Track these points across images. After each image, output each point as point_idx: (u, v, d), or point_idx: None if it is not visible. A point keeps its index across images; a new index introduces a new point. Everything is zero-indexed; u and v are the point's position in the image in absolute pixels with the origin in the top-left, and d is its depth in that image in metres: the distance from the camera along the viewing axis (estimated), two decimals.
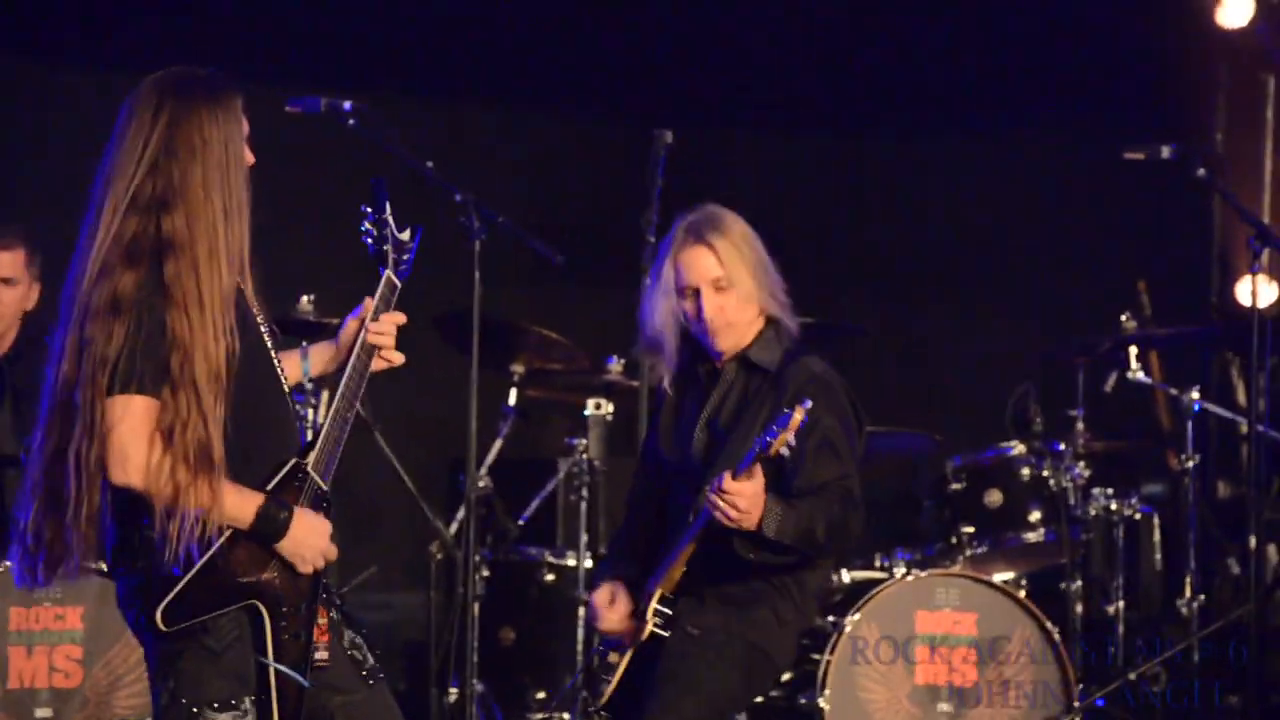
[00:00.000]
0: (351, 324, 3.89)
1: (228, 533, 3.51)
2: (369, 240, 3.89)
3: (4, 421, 5.87)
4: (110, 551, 3.60)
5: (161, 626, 3.48)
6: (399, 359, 3.86)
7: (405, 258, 3.91)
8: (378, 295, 3.85)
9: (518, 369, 6.74)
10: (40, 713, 5.30)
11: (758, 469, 4.19)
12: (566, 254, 6.00)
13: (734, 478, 4.17)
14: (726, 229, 4.46)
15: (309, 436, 3.70)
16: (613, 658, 4.44)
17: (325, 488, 3.66)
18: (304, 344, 3.97)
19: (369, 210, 3.90)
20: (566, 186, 8.20)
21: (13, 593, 5.29)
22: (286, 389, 3.73)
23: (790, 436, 4.10)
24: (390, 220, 3.90)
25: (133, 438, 3.46)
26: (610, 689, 4.40)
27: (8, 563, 5.27)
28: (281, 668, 3.55)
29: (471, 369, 5.60)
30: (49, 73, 7.47)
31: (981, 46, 8.24)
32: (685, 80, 8.27)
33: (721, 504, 4.17)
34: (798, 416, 4.09)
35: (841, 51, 8.35)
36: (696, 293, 4.43)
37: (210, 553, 3.49)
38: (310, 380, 3.98)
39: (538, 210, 7.55)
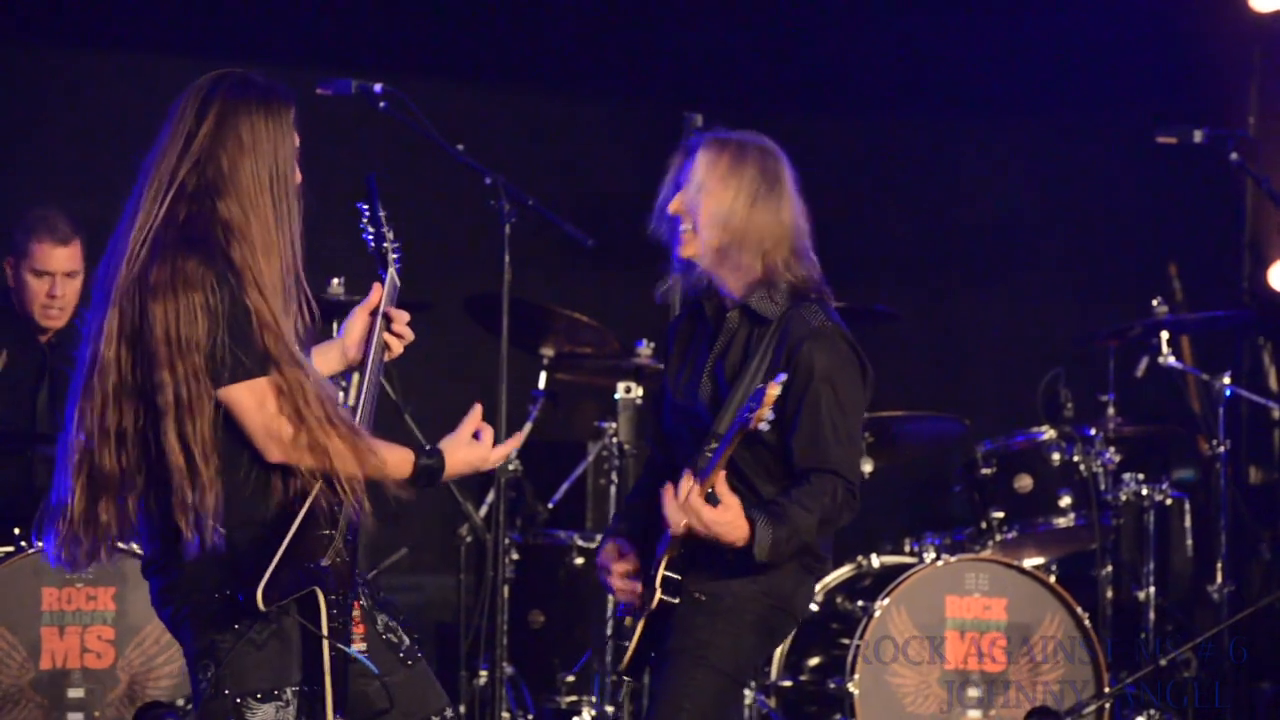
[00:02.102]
0: (359, 319, 3.90)
1: (299, 518, 3.52)
2: (369, 239, 3.92)
3: (41, 403, 5.91)
4: (158, 547, 3.60)
5: (261, 606, 3.46)
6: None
7: (396, 257, 3.94)
8: (384, 296, 3.87)
9: (547, 352, 6.74)
10: (73, 693, 5.33)
11: (727, 497, 4.14)
12: (596, 237, 6.00)
13: (700, 482, 4.15)
14: (729, 145, 4.33)
15: None
16: (628, 622, 4.42)
17: None
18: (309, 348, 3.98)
19: (364, 207, 3.92)
20: (597, 170, 8.20)
21: (45, 574, 5.32)
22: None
23: (768, 411, 4.04)
24: (383, 217, 3.92)
25: (276, 418, 3.50)
26: (629, 654, 4.39)
27: (39, 544, 5.33)
28: (354, 652, 3.59)
29: (501, 352, 5.60)
30: (72, 54, 7.49)
31: (1014, 29, 8.20)
32: (715, 63, 8.25)
33: (676, 518, 4.16)
34: (772, 392, 4.02)
35: (873, 34, 8.33)
36: (676, 187, 4.35)
37: (290, 533, 3.50)
38: None
39: (568, 193, 7.55)
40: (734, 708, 4.47)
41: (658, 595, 4.27)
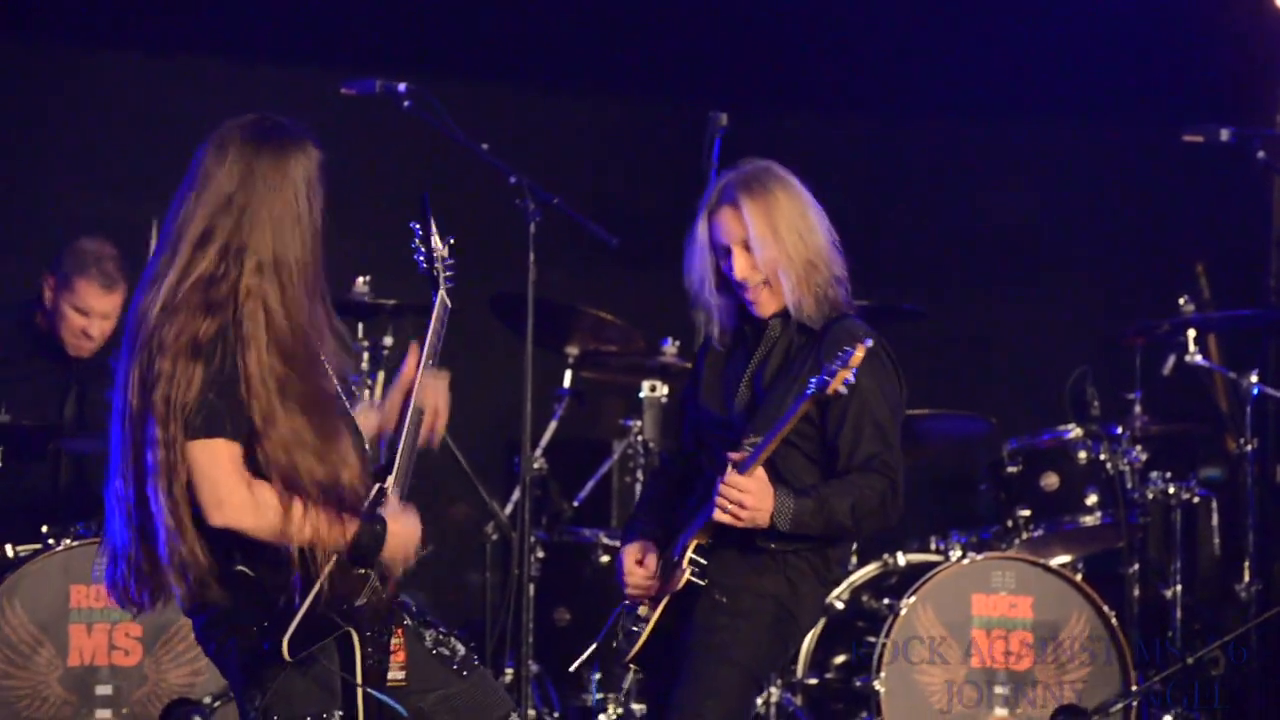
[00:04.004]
0: (396, 396, 3.90)
1: (331, 562, 3.53)
2: (420, 259, 3.93)
3: (69, 413, 5.96)
4: (195, 587, 3.60)
5: (286, 657, 3.49)
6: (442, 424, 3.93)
7: (448, 274, 3.95)
8: (430, 330, 3.89)
9: (573, 351, 6.75)
10: (101, 690, 5.35)
11: (760, 472, 4.19)
12: (621, 236, 6.00)
13: (741, 471, 4.18)
14: (760, 188, 4.40)
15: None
16: (643, 610, 4.42)
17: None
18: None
19: (417, 228, 3.92)
20: (622, 169, 8.20)
21: (73, 571, 5.34)
22: (360, 430, 3.75)
23: (850, 375, 4.09)
24: (435, 236, 3.92)
25: (224, 480, 3.48)
26: (640, 643, 4.39)
27: (67, 541, 5.36)
28: (385, 698, 3.60)
29: (526, 351, 5.61)
30: (99, 55, 7.51)
31: (1039, 27, 8.18)
32: (741, 62, 8.25)
33: (728, 502, 4.18)
34: (859, 354, 4.08)
35: (898, 33, 8.32)
36: (729, 251, 4.41)
37: (320, 581, 3.51)
38: None
39: (593, 192, 7.55)
40: (752, 704, 4.48)
41: (685, 575, 4.29)
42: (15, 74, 7.37)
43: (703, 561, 4.30)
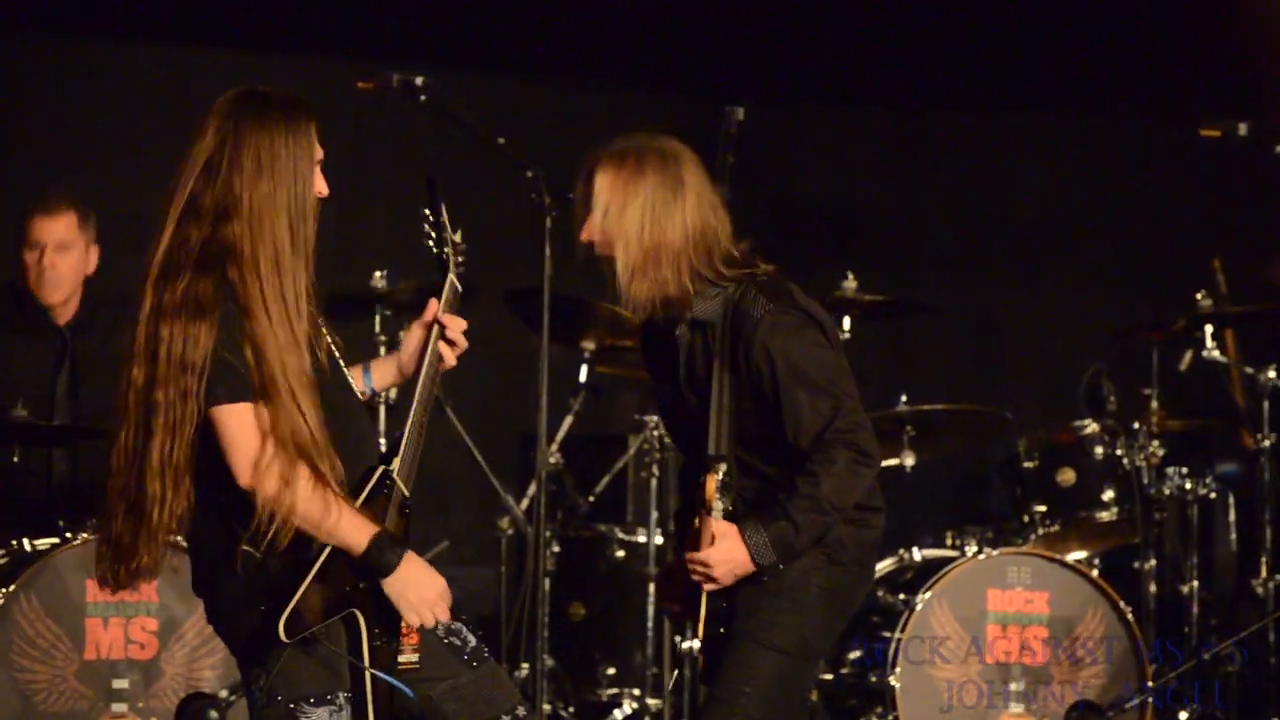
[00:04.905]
0: (416, 331, 3.87)
1: (328, 547, 3.52)
2: (430, 244, 3.89)
3: (61, 391, 5.93)
4: (205, 566, 3.62)
5: (284, 638, 3.47)
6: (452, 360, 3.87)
7: (461, 259, 3.91)
8: (443, 301, 3.85)
9: (588, 345, 6.74)
10: (117, 684, 5.35)
11: (710, 528, 4.14)
12: None
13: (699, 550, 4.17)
14: (630, 160, 4.27)
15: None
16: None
17: (408, 495, 3.67)
18: (367, 361, 3.97)
19: (427, 212, 3.90)
20: None
21: (90, 565, 5.34)
22: (360, 405, 3.74)
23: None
24: (446, 221, 3.90)
25: (258, 443, 3.48)
26: (700, 628, 4.40)
27: (84, 534, 5.36)
28: (391, 679, 3.57)
29: (542, 345, 5.60)
30: (113, 46, 7.52)
31: (1053, 21, 8.17)
32: (756, 56, 8.24)
33: (702, 579, 4.16)
34: (710, 487, 4.08)
35: (913, 27, 8.31)
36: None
37: (320, 561, 3.50)
38: (375, 393, 3.96)
39: None
40: (802, 684, 4.44)
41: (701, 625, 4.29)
42: (24, 64, 7.38)
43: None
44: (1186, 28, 8.03)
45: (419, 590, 3.57)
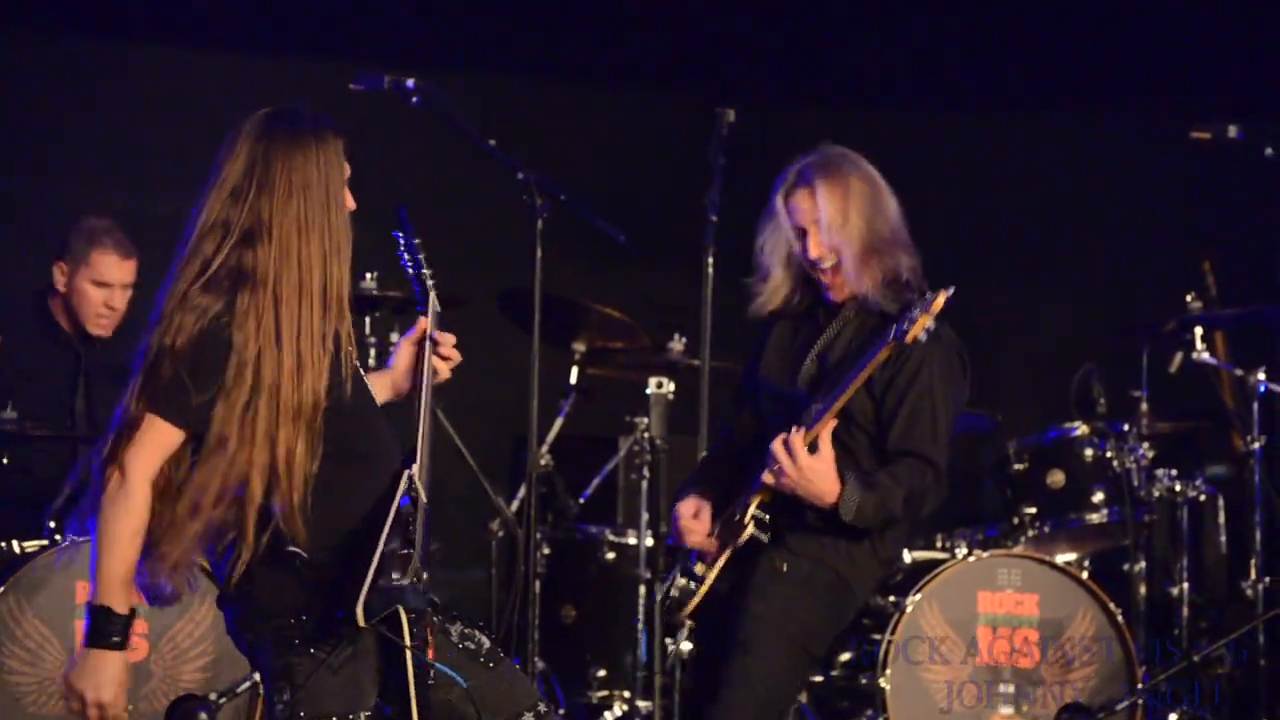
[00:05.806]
0: (405, 350, 3.91)
1: (384, 536, 3.53)
2: (406, 266, 3.95)
3: (79, 407, 5.97)
4: (234, 578, 3.61)
5: (361, 622, 3.47)
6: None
7: (433, 284, 3.95)
8: (430, 322, 3.90)
9: (579, 347, 6.74)
10: None
11: (826, 448, 4.24)
12: (629, 232, 5.99)
13: (809, 427, 4.26)
14: (835, 172, 4.49)
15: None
16: (699, 568, 4.48)
17: (426, 500, 3.69)
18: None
19: (400, 236, 3.93)
20: (629, 165, 8.19)
21: (79, 567, 5.33)
22: (382, 416, 3.75)
23: (931, 322, 4.18)
24: (417, 245, 3.95)
25: (146, 458, 3.50)
26: (697, 599, 4.44)
27: (74, 537, 5.35)
28: (443, 668, 3.62)
29: (533, 347, 5.60)
30: (107, 47, 7.51)
31: (1048, 24, 8.18)
32: (748, 58, 8.24)
33: (780, 458, 4.23)
34: (940, 300, 4.17)
35: (905, 29, 8.31)
36: (803, 233, 4.51)
37: (379, 551, 3.51)
38: None
39: (600, 188, 7.54)
40: (804, 676, 4.56)
41: (749, 530, 4.34)
42: (28, 67, 7.37)
43: (766, 518, 4.36)
44: (1179, 29, 8.04)
45: (96, 679, 3.56)
